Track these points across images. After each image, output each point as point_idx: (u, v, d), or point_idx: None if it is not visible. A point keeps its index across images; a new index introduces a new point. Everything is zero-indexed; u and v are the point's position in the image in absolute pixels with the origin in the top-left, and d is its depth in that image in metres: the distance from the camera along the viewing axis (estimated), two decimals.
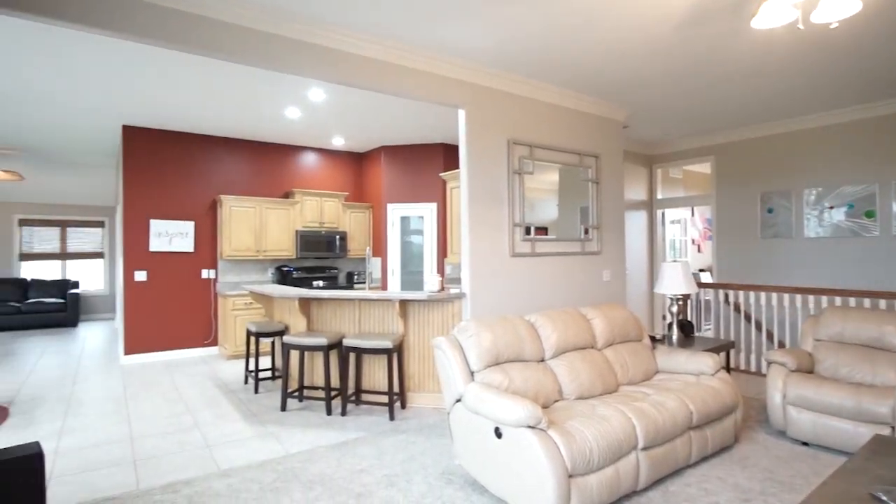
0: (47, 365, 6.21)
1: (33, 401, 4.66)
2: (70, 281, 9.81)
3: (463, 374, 2.92)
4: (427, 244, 7.27)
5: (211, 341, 6.70)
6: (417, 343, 4.38)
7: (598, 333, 3.65)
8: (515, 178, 4.54)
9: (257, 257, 6.74)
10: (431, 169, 7.30)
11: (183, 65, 4.27)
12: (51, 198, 9.84)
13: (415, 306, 4.37)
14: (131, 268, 6.21)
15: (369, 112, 5.76)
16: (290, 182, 7.37)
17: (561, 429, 2.51)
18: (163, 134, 6.41)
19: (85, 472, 3.11)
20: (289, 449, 3.45)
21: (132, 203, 6.22)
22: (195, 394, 4.82)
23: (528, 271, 4.60)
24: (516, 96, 4.57)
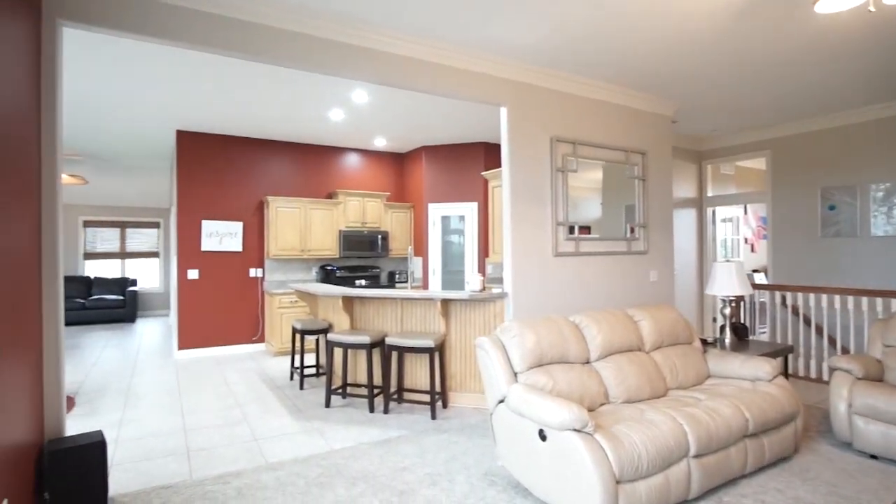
0: (108, 358, 6.55)
1: (96, 391, 4.93)
2: (129, 279, 10.33)
3: (506, 375, 2.89)
4: (468, 243, 7.25)
5: (258, 338, 6.90)
6: (459, 342, 4.37)
7: (646, 335, 3.53)
8: (559, 176, 4.45)
9: (302, 257, 6.90)
10: (472, 168, 7.27)
11: (232, 72, 4.41)
12: (111, 200, 10.40)
13: (456, 306, 4.36)
14: (184, 266, 6.47)
15: (411, 112, 5.79)
16: (334, 183, 7.50)
17: (608, 433, 2.43)
18: (213, 138, 6.65)
19: (142, 461, 3.26)
20: (333, 445, 3.50)
21: (185, 204, 6.49)
22: (244, 388, 4.98)
23: (571, 271, 4.51)
24: (559, 93, 4.49)
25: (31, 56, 2.53)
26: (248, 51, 3.17)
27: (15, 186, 2.24)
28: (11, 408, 2.13)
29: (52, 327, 2.70)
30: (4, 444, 2.03)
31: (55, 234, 2.73)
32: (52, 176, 2.73)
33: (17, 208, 2.29)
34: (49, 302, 2.69)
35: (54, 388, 2.71)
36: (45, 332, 2.68)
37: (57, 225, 2.74)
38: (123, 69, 4.35)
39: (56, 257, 2.72)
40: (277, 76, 4.57)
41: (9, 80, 2.14)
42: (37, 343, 2.57)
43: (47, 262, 2.69)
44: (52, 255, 2.70)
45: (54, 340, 2.70)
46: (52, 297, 2.70)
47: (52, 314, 2.70)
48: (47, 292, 2.69)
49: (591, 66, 4.23)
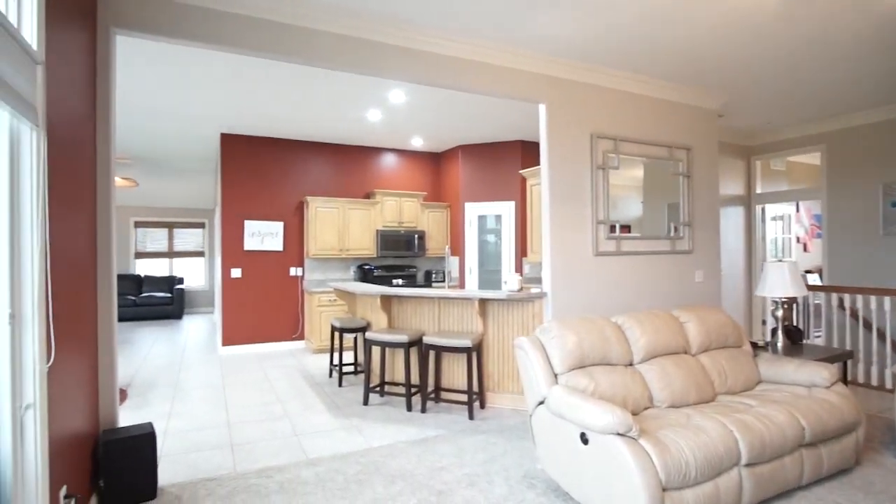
0: (157, 353, 6.82)
1: (147, 384, 5.13)
2: (176, 277, 10.75)
3: (546, 377, 2.83)
4: (505, 243, 7.19)
5: (298, 336, 7.05)
6: (497, 343, 4.33)
7: (692, 337, 3.40)
8: (599, 173, 4.35)
9: (340, 256, 7.00)
10: (509, 167, 7.20)
11: (274, 75, 4.50)
12: (160, 202, 10.83)
13: (494, 305, 4.32)
14: (228, 265, 6.67)
15: (447, 111, 5.78)
16: (371, 183, 7.58)
17: (653, 438, 2.35)
18: (256, 140, 6.83)
19: (189, 453, 3.36)
20: (371, 442, 3.52)
21: (229, 205, 6.69)
22: (284, 385, 5.08)
23: (612, 271, 4.40)
24: (600, 88, 4.38)
25: (88, 63, 2.65)
26: (292, 53, 3.22)
27: (75, 189, 2.35)
28: (72, 399, 2.23)
29: (106, 323, 2.81)
30: (66, 433, 2.13)
31: (109, 234, 2.84)
32: (106, 179, 2.85)
33: (76, 210, 2.39)
34: (104, 299, 2.81)
35: (108, 381, 2.83)
36: (101, 328, 2.80)
37: (111, 226, 2.86)
38: (170, 74, 4.51)
39: (110, 257, 2.84)
40: (317, 78, 4.64)
41: (70, 88, 2.24)
42: (93, 338, 2.69)
43: (102, 261, 2.81)
44: (107, 255, 2.82)
45: (108, 336, 2.82)
46: (107, 295, 2.82)
47: (106, 311, 2.81)
48: (102, 290, 2.80)
49: (634, 60, 4.11)
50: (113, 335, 2.84)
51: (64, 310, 2.12)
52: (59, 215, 2.07)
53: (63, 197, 2.15)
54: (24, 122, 1.72)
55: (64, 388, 2.13)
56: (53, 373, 1.94)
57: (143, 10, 2.88)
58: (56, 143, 2.04)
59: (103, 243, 2.81)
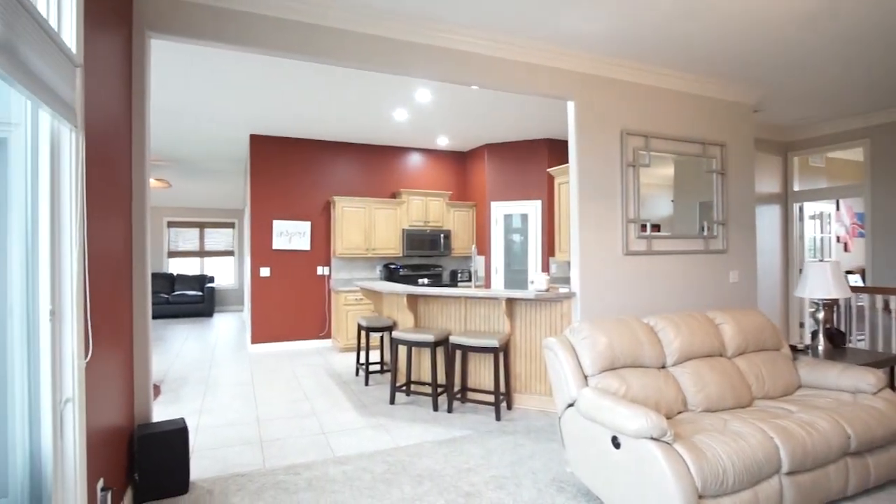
0: (189, 350, 6.98)
1: (179, 380, 5.25)
2: (207, 276, 10.99)
3: (576, 378, 2.77)
4: (531, 242, 7.11)
5: (325, 334, 7.11)
6: (524, 343, 4.28)
7: (728, 340, 3.28)
8: (629, 171, 4.25)
9: (366, 255, 7.04)
10: (536, 165, 7.13)
11: (302, 76, 4.55)
12: (191, 202, 11.09)
13: (521, 305, 4.27)
14: (257, 264, 6.78)
15: (473, 110, 5.75)
16: (397, 182, 7.60)
17: (689, 443, 2.27)
18: (284, 141, 6.92)
19: (220, 448, 3.42)
20: (398, 441, 3.52)
21: (258, 205, 6.79)
22: (311, 383, 5.13)
23: (643, 271, 4.29)
24: (630, 84, 4.29)
25: (124, 67, 2.71)
26: (321, 54, 3.24)
27: (111, 190, 2.40)
28: (109, 394, 2.29)
29: (141, 321, 2.88)
30: (103, 427, 2.18)
31: (144, 234, 2.91)
32: (141, 180, 2.91)
33: (113, 210, 2.45)
34: (138, 297, 2.87)
35: (143, 377, 2.89)
36: (136, 326, 2.86)
37: (145, 226, 2.92)
38: (200, 76, 4.60)
39: (144, 256, 2.90)
40: (344, 79, 4.67)
41: (107, 91, 2.30)
42: (128, 335, 2.75)
43: (137, 260, 2.87)
44: (142, 254, 2.89)
45: (143, 333, 2.88)
46: (141, 293, 2.88)
47: (141, 309, 2.88)
48: (137, 289, 2.87)
49: (666, 55, 4.00)
50: (147, 332, 2.91)
51: (101, 307, 2.17)
52: (96, 215, 2.12)
53: (100, 197, 2.20)
54: (64, 124, 1.76)
55: (101, 383, 2.18)
56: (91, 368, 1.99)
57: (177, 13, 2.94)
58: (93, 144, 2.09)
59: (138, 243, 2.88)
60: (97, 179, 2.14)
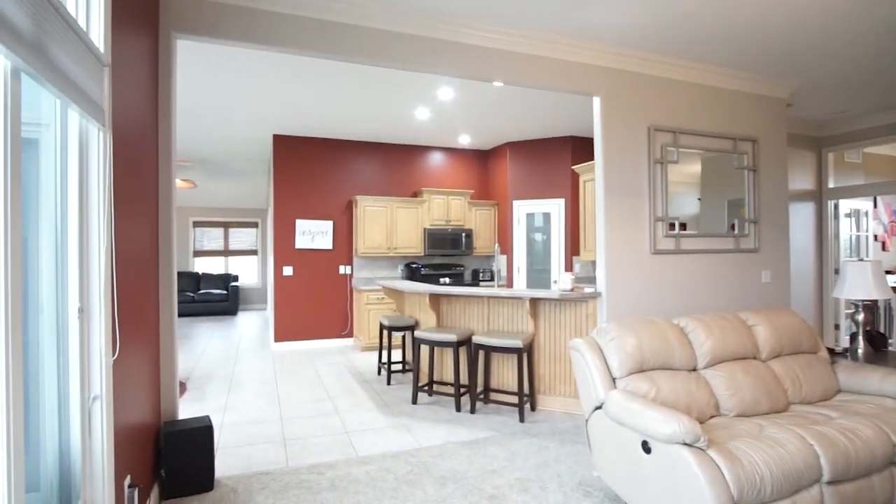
0: (214, 348, 7.08)
1: (204, 378, 5.32)
2: (231, 275, 11.15)
3: (603, 380, 2.70)
4: (554, 241, 7.02)
5: (347, 333, 7.14)
6: (548, 344, 4.20)
7: (762, 342, 3.17)
8: (657, 168, 4.15)
9: (388, 254, 7.04)
10: (559, 163, 7.03)
11: (325, 76, 4.55)
12: (216, 202, 11.27)
13: (546, 305, 4.20)
14: (280, 263, 6.83)
15: (496, 108, 5.69)
16: (419, 181, 7.58)
17: (723, 449, 2.19)
18: (307, 141, 6.96)
19: (243, 447, 3.43)
20: (421, 442, 3.49)
21: (281, 205, 6.85)
22: (334, 381, 5.14)
23: (671, 270, 4.18)
24: (658, 78, 4.18)
25: (150, 68, 2.74)
26: (345, 52, 3.23)
27: (138, 189, 2.43)
28: (136, 392, 2.30)
29: (167, 319, 2.90)
30: (130, 425, 2.20)
31: (170, 233, 2.93)
32: (168, 179, 2.94)
33: (140, 210, 2.47)
34: (165, 296, 2.90)
35: (169, 375, 2.92)
36: (162, 324, 2.89)
37: (172, 225, 2.95)
38: (224, 77, 4.65)
39: (171, 255, 2.93)
40: (366, 78, 4.66)
41: (134, 91, 2.32)
42: (155, 333, 2.78)
43: (164, 259, 2.90)
44: (168, 253, 2.91)
45: (169, 331, 2.91)
46: (168, 292, 2.91)
47: (167, 307, 2.90)
48: (164, 287, 2.89)
49: (696, 48, 3.89)
50: (173, 330, 2.93)
51: (128, 305, 2.19)
52: (123, 214, 2.14)
53: (127, 196, 2.22)
54: (92, 123, 1.78)
55: (129, 380, 2.20)
56: (119, 365, 2.00)
57: (203, 14, 2.96)
58: (121, 144, 2.11)
59: (165, 242, 2.90)
60: (124, 178, 2.16)
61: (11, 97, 1.24)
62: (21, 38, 1.19)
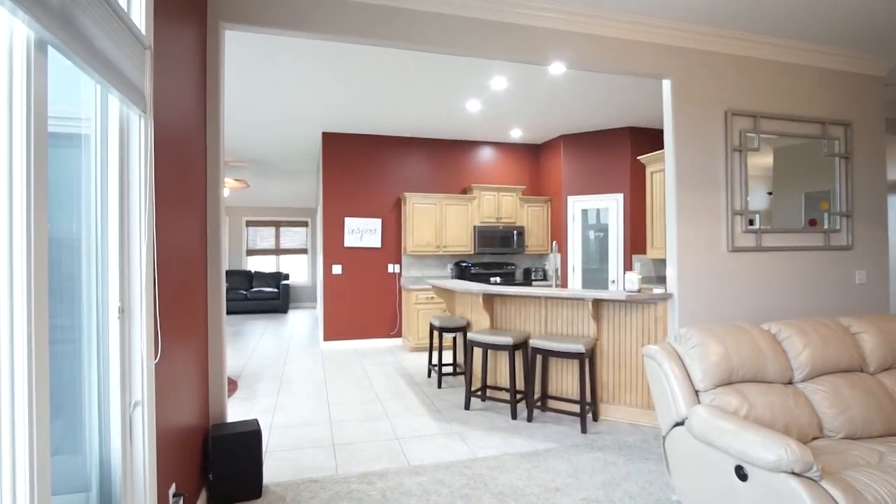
0: (265, 346, 7.12)
1: (255, 376, 5.31)
2: (282, 273, 11.31)
3: (685, 393, 2.39)
4: (612, 238, 6.63)
5: (395, 333, 7.01)
6: (612, 349, 3.89)
7: (869, 352, 2.75)
8: (735, 156, 3.75)
9: (437, 253, 6.86)
10: (617, 156, 6.63)
11: (375, 71, 4.41)
12: (268, 202, 11.46)
13: (610, 307, 3.88)
14: (329, 262, 6.79)
15: (549, 98, 5.39)
16: (469, 177, 7.37)
17: (840, 481, 1.85)
18: (355, 138, 6.88)
19: (292, 451, 3.32)
20: (475, 452, 3.27)
21: (330, 203, 6.80)
22: (383, 383, 5.00)
23: (750, 270, 3.78)
24: (736, 57, 3.78)
25: (198, 59, 2.65)
26: (396, 38, 3.06)
27: (184, 184, 2.33)
28: (182, 395, 2.20)
29: (215, 319, 2.81)
30: (175, 429, 2.09)
31: (218, 230, 2.84)
32: (215, 176, 2.85)
33: (186, 205, 2.38)
34: (213, 295, 2.81)
35: (218, 376, 2.83)
36: (210, 324, 2.80)
37: (220, 222, 2.85)
38: (273, 74, 4.59)
39: (219, 254, 2.83)
40: (417, 71, 4.49)
41: (180, 81, 2.22)
42: (203, 333, 2.69)
43: (212, 257, 2.81)
44: (216, 252, 2.82)
45: (218, 331, 2.82)
46: (216, 291, 2.82)
47: (216, 307, 2.81)
48: (212, 286, 2.81)
49: (780, 23, 3.47)
50: (222, 330, 2.84)
51: (173, 305, 2.08)
52: (168, 209, 2.03)
53: (172, 191, 2.11)
54: (133, 109, 1.66)
55: (175, 382, 2.09)
56: (164, 367, 1.89)
57: (251, 3, 2.85)
58: (165, 135, 2.00)
59: (213, 240, 2.81)
60: (169, 172, 2.05)
61: (35, 73, 1.10)
62: (45, 4, 1.05)
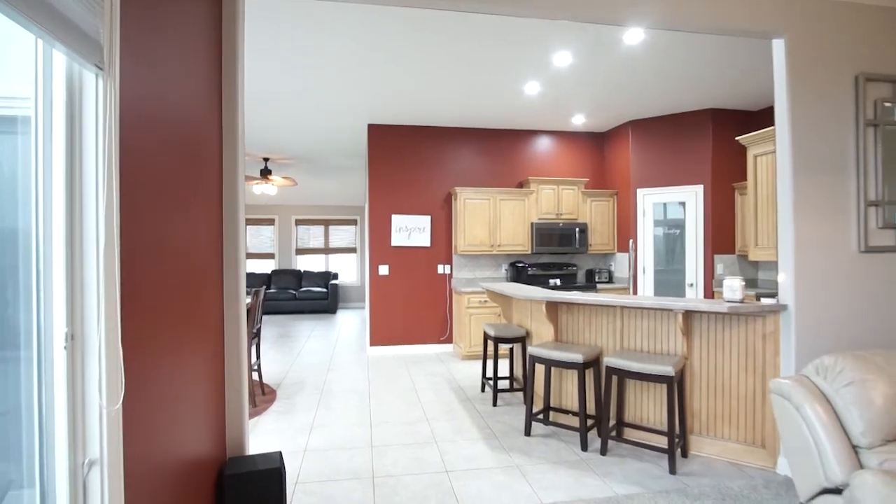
0: (310, 349, 6.81)
1: (296, 384, 4.95)
2: (331, 273, 11.10)
3: (839, 450, 1.74)
4: (690, 236, 5.84)
5: (446, 338, 6.52)
6: (706, 371, 3.21)
7: None
8: (869, 132, 2.98)
9: (491, 252, 6.30)
10: (696, 143, 5.83)
11: (423, 55, 3.92)
12: (317, 200, 11.27)
13: (703, 320, 3.20)
14: (376, 262, 6.38)
15: (618, 77, 4.71)
16: (525, 170, 6.75)
17: None
18: (403, 129, 6.43)
19: (326, 482, 2.88)
20: (540, 495, 2.70)
21: (376, 199, 6.39)
22: (432, 397, 4.51)
23: (889, 276, 2.99)
24: (870, 7, 3.00)
25: (212, 40, 2.23)
26: None
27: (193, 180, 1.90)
28: (183, 429, 1.77)
29: (233, 333, 2.40)
30: (171, 473, 1.67)
31: (238, 233, 2.42)
32: (233, 170, 2.43)
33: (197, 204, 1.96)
34: (230, 305, 2.39)
35: (237, 399, 2.41)
36: (227, 340, 2.39)
37: (239, 224, 2.43)
38: (317, 61, 4.18)
39: (237, 258, 2.42)
40: (470, 50, 3.95)
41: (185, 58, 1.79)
42: (217, 349, 2.28)
43: (229, 263, 2.40)
44: (235, 257, 2.40)
45: (235, 346, 2.40)
46: (233, 301, 2.40)
47: (233, 318, 2.40)
48: (228, 295, 2.39)
49: None
50: (241, 348, 2.42)
51: (167, 318, 1.65)
52: (160, 204, 1.60)
53: (167, 182, 1.68)
54: (87, 66, 1.22)
55: (160, 420, 1.67)
56: (140, 404, 1.46)
57: None
58: (153, 111, 1.56)
59: (231, 243, 2.40)
60: (160, 157, 1.62)
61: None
62: None
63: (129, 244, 1.38)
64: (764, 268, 5.71)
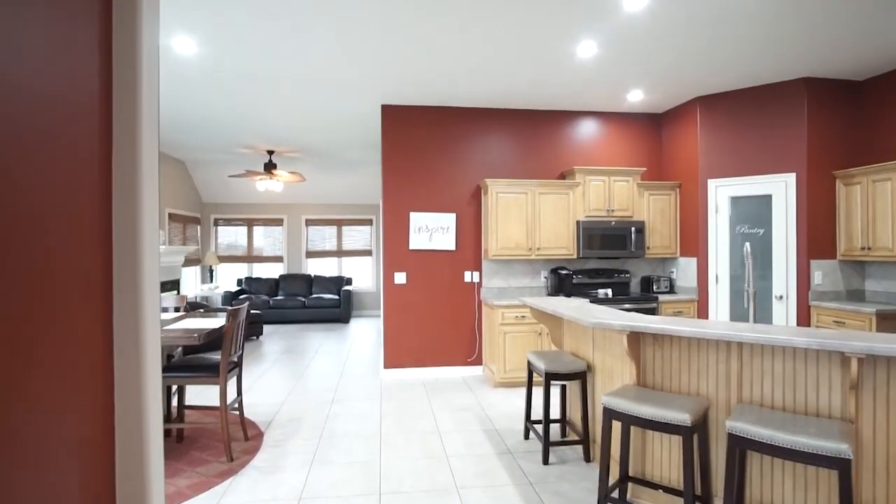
0: (315, 371, 5.84)
1: (290, 423, 3.97)
2: (344, 278, 10.15)
3: None
4: (779, 237, 4.71)
5: (474, 360, 5.49)
6: (887, 446, 2.11)
7: None
8: None
9: (529, 257, 5.24)
10: (785, 121, 4.70)
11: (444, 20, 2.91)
12: (328, 198, 10.34)
13: (881, 368, 2.11)
14: (391, 269, 5.38)
15: (695, 36, 3.62)
16: (569, 159, 5.68)
17: None
18: (421, 111, 5.42)
19: None
20: None
21: (391, 194, 5.39)
22: (460, 448, 3.48)
23: None
24: None
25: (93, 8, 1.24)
26: None
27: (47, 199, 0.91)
28: None
29: (133, 380, 1.40)
30: None
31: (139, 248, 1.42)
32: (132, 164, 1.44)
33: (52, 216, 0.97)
34: (124, 345, 1.40)
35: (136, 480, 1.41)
36: (118, 390, 1.39)
37: (142, 235, 1.43)
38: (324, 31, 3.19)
39: (141, 274, 1.42)
40: (509, 10, 2.93)
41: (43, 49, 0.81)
42: (97, 418, 1.28)
43: (121, 287, 1.40)
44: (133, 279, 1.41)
45: (137, 400, 1.40)
46: (133, 338, 1.40)
47: (131, 367, 1.40)
48: (122, 329, 1.39)
49: None
50: (151, 398, 1.41)
51: None
52: None
53: None
54: None
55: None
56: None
57: None
58: None
59: (123, 259, 1.40)
60: None
61: None
62: None
63: None
64: (874, 275, 4.55)
